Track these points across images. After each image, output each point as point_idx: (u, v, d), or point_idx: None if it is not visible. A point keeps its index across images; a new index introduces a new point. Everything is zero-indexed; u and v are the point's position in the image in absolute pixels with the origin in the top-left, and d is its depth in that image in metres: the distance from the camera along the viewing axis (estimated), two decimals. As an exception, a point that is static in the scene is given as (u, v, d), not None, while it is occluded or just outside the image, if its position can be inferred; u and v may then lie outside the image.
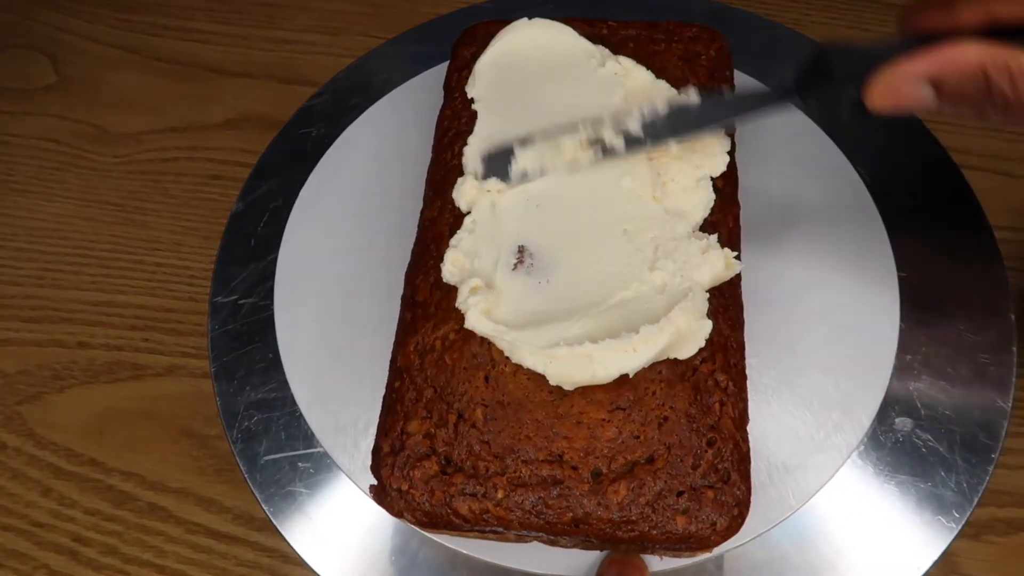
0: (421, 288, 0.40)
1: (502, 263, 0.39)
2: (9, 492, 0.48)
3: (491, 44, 0.46)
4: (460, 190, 0.42)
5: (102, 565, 0.46)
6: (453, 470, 0.36)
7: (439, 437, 0.36)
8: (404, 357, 0.39)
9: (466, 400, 0.37)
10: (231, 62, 0.63)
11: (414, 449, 0.36)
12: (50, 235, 0.56)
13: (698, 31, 0.48)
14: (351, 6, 0.66)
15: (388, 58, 0.58)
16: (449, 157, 0.44)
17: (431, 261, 0.41)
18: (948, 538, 0.40)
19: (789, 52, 0.57)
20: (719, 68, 0.47)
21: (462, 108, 0.46)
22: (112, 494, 0.47)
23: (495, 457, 0.36)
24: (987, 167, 0.56)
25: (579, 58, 0.45)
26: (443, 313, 0.39)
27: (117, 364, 0.51)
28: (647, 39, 0.48)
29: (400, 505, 0.36)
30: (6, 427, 0.50)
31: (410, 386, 0.38)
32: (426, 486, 0.36)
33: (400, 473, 0.36)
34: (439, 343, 0.38)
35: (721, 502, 0.35)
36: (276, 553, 0.45)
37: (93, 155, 0.60)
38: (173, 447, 0.49)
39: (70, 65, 0.64)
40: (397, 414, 0.38)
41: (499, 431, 0.36)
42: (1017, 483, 0.45)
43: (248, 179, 0.53)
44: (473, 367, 0.37)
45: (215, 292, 0.49)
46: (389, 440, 0.37)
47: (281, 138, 0.55)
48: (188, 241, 0.56)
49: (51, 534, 0.46)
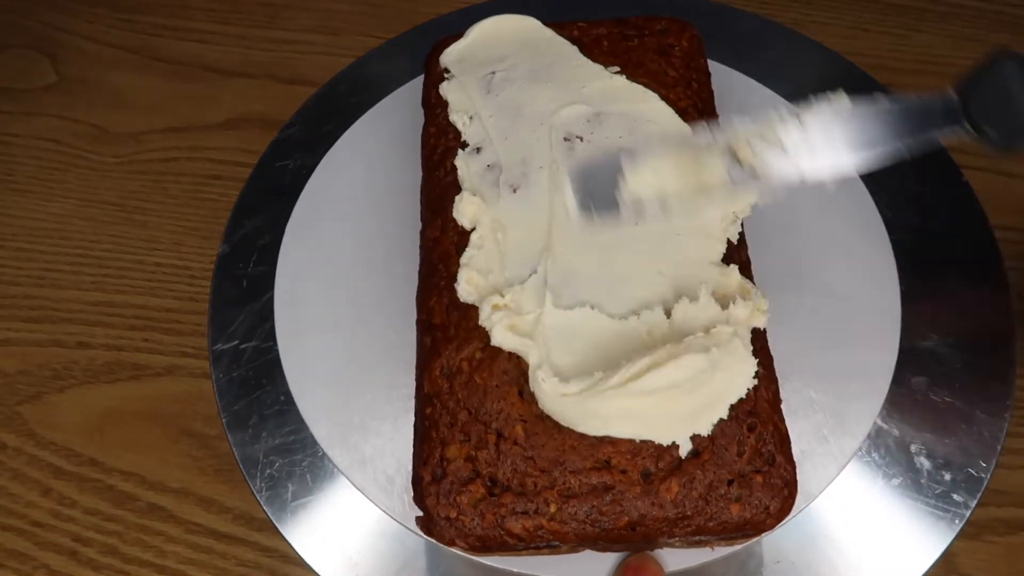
0: (436, 311, 0.39)
1: (524, 279, 0.38)
2: (9, 492, 0.48)
3: (462, 44, 0.46)
4: (460, 208, 0.41)
5: (102, 565, 0.46)
6: (500, 490, 0.35)
7: (481, 459, 0.36)
8: (431, 383, 0.38)
9: (503, 418, 0.36)
10: (231, 62, 0.63)
11: (457, 474, 0.36)
12: (50, 235, 0.56)
13: (667, 23, 0.48)
14: (351, 6, 0.66)
15: (388, 58, 0.58)
16: (442, 175, 0.43)
17: (442, 282, 0.40)
18: (948, 538, 0.40)
19: (789, 52, 0.57)
20: (693, 57, 0.47)
21: (446, 123, 0.45)
22: (112, 494, 0.47)
23: (541, 471, 0.35)
24: (987, 167, 0.56)
25: (557, 51, 0.45)
26: (464, 333, 0.38)
27: (117, 364, 0.51)
28: (619, 36, 0.47)
29: (451, 533, 0.35)
30: (6, 427, 0.50)
31: (442, 411, 0.37)
32: (475, 510, 0.35)
33: (446, 501, 0.35)
34: (466, 364, 0.37)
35: (771, 485, 0.35)
36: (276, 553, 0.45)
37: (93, 155, 0.60)
38: (173, 447, 0.48)
39: (70, 65, 0.64)
40: (433, 441, 0.37)
41: (542, 445, 0.35)
42: (1017, 483, 0.45)
43: (230, 218, 0.52)
44: (505, 384, 0.36)
45: (214, 339, 0.47)
46: (429, 469, 0.36)
47: (258, 173, 0.53)
48: (188, 241, 0.56)
49: (51, 534, 0.46)
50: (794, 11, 0.64)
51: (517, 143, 0.42)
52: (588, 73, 0.45)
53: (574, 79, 0.44)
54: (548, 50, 0.46)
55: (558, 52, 0.46)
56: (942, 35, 0.62)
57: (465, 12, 0.60)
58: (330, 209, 0.51)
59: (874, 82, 0.55)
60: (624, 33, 0.47)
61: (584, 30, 0.48)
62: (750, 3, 0.63)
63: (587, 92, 0.44)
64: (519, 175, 0.41)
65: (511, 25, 0.47)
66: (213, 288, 0.49)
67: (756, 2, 0.63)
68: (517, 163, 0.42)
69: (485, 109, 0.44)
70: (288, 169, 0.53)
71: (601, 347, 0.36)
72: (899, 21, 0.63)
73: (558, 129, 0.42)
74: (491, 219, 0.40)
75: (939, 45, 0.62)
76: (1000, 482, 0.44)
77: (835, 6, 0.64)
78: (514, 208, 0.40)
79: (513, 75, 0.45)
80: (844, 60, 0.57)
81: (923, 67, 0.61)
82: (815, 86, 0.54)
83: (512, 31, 0.47)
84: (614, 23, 0.48)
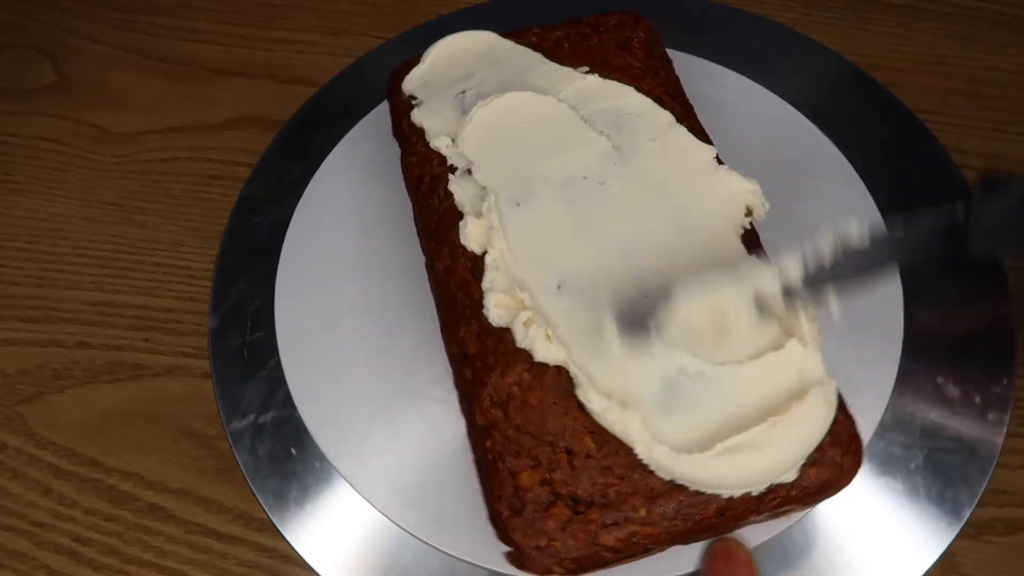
0: (468, 340, 0.38)
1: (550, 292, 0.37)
2: (9, 492, 0.48)
3: (422, 68, 0.46)
4: (466, 233, 0.40)
5: (102, 565, 0.46)
6: (585, 507, 0.34)
7: (557, 479, 0.35)
8: (483, 414, 0.37)
9: (569, 434, 0.35)
10: (231, 62, 0.63)
11: (537, 501, 0.35)
12: (50, 235, 0.56)
13: (620, 17, 0.48)
14: (351, 6, 0.66)
15: (388, 58, 0.58)
16: (437, 202, 0.42)
17: (467, 311, 0.39)
18: (948, 538, 0.40)
19: (789, 53, 0.57)
20: (652, 46, 0.47)
21: (427, 150, 0.43)
22: (112, 494, 0.47)
23: (620, 478, 0.34)
24: (987, 167, 0.56)
25: (522, 61, 0.45)
26: (504, 357, 0.37)
27: (117, 364, 0.51)
28: (578, 36, 0.47)
29: (546, 562, 0.34)
30: (6, 427, 0.50)
31: (503, 441, 0.36)
32: (565, 532, 0.34)
33: (532, 530, 0.34)
34: (515, 388, 0.36)
35: (839, 442, 0.35)
36: (276, 553, 0.45)
37: (93, 155, 0.60)
38: (173, 447, 0.48)
39: (70, 65, 0.64)
40: (502, 473, 0.36)
41: (615, 451, 0.35)
42: (1017, 483, 0.45)
43: (213, 288, 0.50)
44: (561, 399, 0.36)
45: (228, 417, 0.45)
46: (505, 503, 0.35)
47: (230, 239, 0.51)
48: (188, 241, 0.56)
49: (51, 534, 0.46)
50: (794, 11, 0.64)
51: (509, 158, 0.41)
52: (560, 77, 0.44)
53: (548, 85, 0.44)
54: (513, 61, 0.45)
55: (524, 61, 0.45)
56: (942, 35, 0.62)
57: (465, 12, 0.61)
58: (318, 263, 0.49)
59: (875, 82, 0.55)
60: (582, 33, 0.47)
61: (542, 36, 0.47)
62: (750, 3, 0.63)
63: (565, 96, 0.43)
64: (519, 189, 0.40)
65: (468, 42, 0.46)
66: (214, 368, 0.47)
67: (756, 2, 0.63)
68: (514, 178, 0.41)
69: (463, 129, 0.42)
70: (263, 225, 0.51)
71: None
72: (899, 21, 0.63)
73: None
74: (502, 238, 0.39)
75: (939, 45, 0.62)
76: (1000, 482, 0.44)
77: (835, 6, 0.64)
78: (523, 223, 0.39)
79: (485, 91, 0.44)
80: (844, 60, 0.57)
81: (923, 67, 0.61)
82: (815, 87, 0.55)
83: (470, 47, 0.46)
84: (569, 24, 0.48)
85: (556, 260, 0.38)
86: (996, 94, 0.59)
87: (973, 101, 0.59)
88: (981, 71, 0.60)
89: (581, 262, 0.38)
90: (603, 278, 0.38)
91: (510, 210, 0.40)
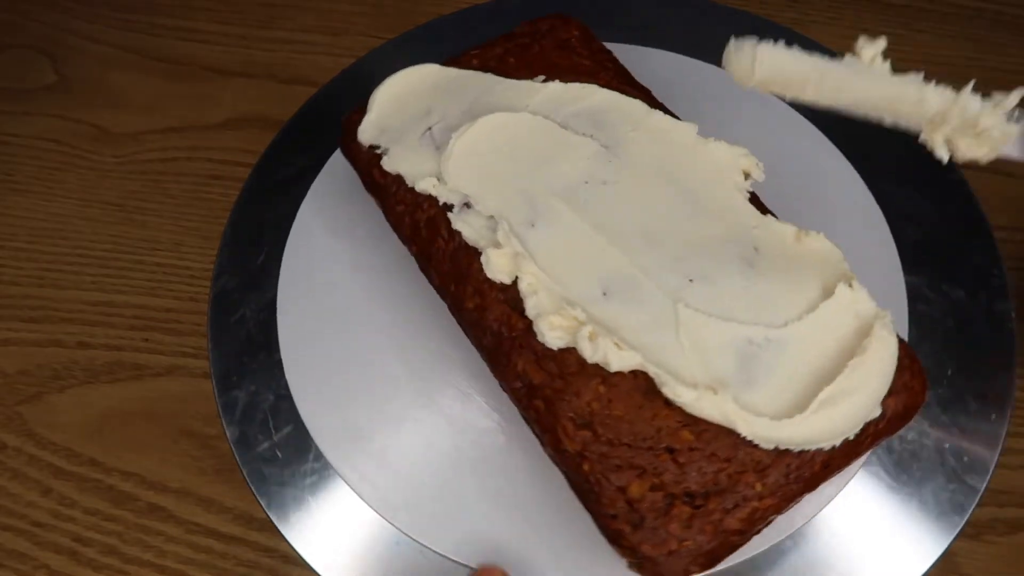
0: (530, 372, 0.37)
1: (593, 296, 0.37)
2: (9, 492, 0.48)
3: (372, 116, 0.44)
4: (492, 266, 0.38)
5: (102, 565, 0.46)
6: (702, 499, 0.34)
7: (667, 481, 0.34)
8: (571, 441, 0.35)
9: (665, 432, 0.35)
10: (231, 62, 0.63)
11: (654, 508, 0.34)
12: (50, 235, 0.56)
13: (551, 21, 0.48)
14: (351, 6, 0.66)
15: (388, 58, 0.58)
16: (443, 244, 0.41)
17: (516, 343, 0.37)
18: (948, 538, 0.40)
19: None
20: (590, 42, 0.47)
21: (412, 195, 0.42)
22: (112, 494, 0.47)
23: (728, 460, 0.34)
24: (987, 167, 0.55)
25: (476, 84, 0.44)
26: (573, 377, 0.36)
27: (117, 364, 0.51)
28: (517, 48, 0.46)
29: (682, 565, 0.34)
30: (6, 427, 0.50)
31: (600, 460, 0.35)
32: (691, 530, 0.34)
33: (659, 538, 0.34)
34: (595, 404, 0.35)
35: (903, 367, 0.36)
36: (276, 553, 0.45)
37: (93, 155, 0.60)
38: (173, 447, 0.49)
39: (70, 65, 0.64)
40: (610, 492, 0.35)
41: (714, 437, 0.34)
42: (1017, 483, 0.45)
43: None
44: (647, 400, 0.35)
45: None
46: (622, 519, 0.34)
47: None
48: (188, 241, 0.56)
49: (51, 534, 0.46)
50: (794, 11, 0.64)
51: (505, 182, 0.41)
52: (522, 91, 0.43)
53: (513, 101, 0.43)
54: (467, 86, 0.44)
55: (477, 84, 0.44)
56: (942, 35, 0.62)
57: (465, 12, 0.61)
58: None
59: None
60: (520, 44, 0.46)
61: (482, 56, 0.46)
62: (750, 3, 0.63)
63: (534, 108, 0.43)
64: (528, 210, 0.40)
65: (413, 78, 0.45)
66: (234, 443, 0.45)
67: (756, 2, 0.63)
68: (518, 200, 0.40)
69: (447, 165, 0.41)
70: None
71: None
72: (899, 21, 0.63)
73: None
74: (530, 262, 0.38)
75: (939, 45, 0.62)
76: (1000, 482, 0.45)
77: (835, 6, 0.64)
78: (546, 241, 0.39)
79: (452, 122, 0.43)
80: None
81: (923, 67, 0.61)
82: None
83: (416, 83, 0.45)
84: (504, 39, 0.47)
85: (591, 268, 0.38)
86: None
87: (973, 101, 0.59)
88: (981, 71, 0.60)
89: (615, 263, 0.38)
90: (641, 271, 0.38)
91: (527, 232, 0.39)
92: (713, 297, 0.37)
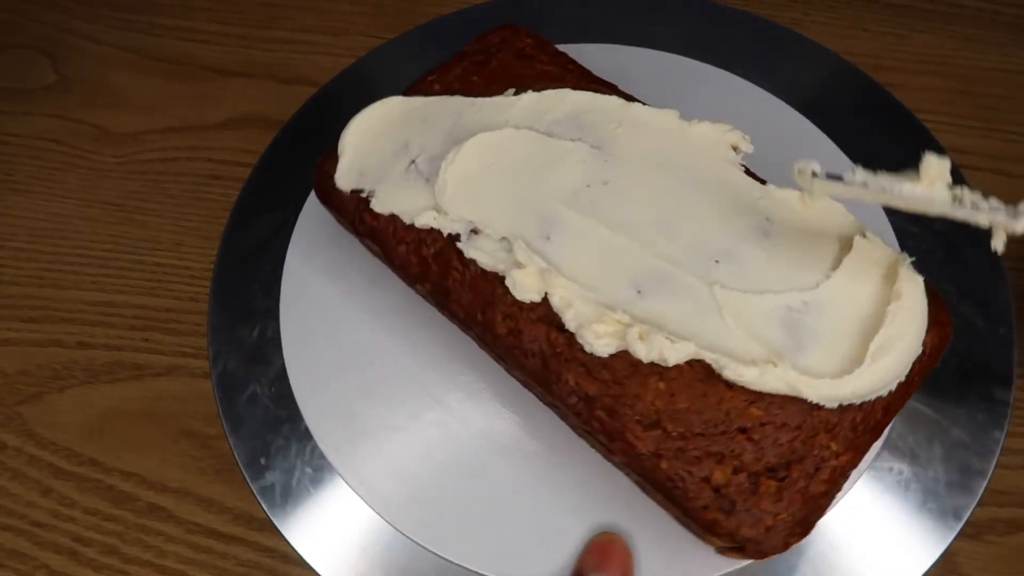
0: (584, 384, 0.37)
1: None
2: (9, 492, 0.48)
3: (347, 160, 0.43)
4: (520, 287, 0.38)
5: (102, 565, 0.46)
6: (785, 470, 0.34)
7: (747, 461, 0.34)
8: (643, 443, 0.35)
9: (734, 414, 0.35)
10: (231, 62, 0.63)
11: (740, 491, 0.34)
12: (50, 235, 0.56)
13: (501, 33, 0.47)
14: (351, 6, 0.66)
15: (388, 58, 0.58)
16: (459, 275, 0.40)
17: (563, 359, 0.37)
18: (948, 538, 0.40)
19: (789, 53, 0.57)
20: (545, 47, 0.47)
21: (413, 233, 0.41)
22: (112, 494, 0.47)
23: (799, 427, 0.35)
24: (987, 167, 0.56)
25: (447, 108, 0.44)
26: (630, 379, 0.36)
27: (117, 364, 0.51)
28: (477, 66, 0.46)
29: (781, 538, 0.34)
30: (6, 427, 0.50)
31: (677, 456, 0.35)
32: (782, 502, 0.34)
33: (753, 518, 0.34)
34: (658, 402, 0.35)
35: (929, 303, 0.37)
36: (276, 553, 0.45)
37: (93, 155, 0.60)
38: (173, 447, 0.49)
39: (70, 65, 0.64)
40: (694, 485, 0.35)
41: (781, 407, 0.35)
42: (1017, 483, 0.45)
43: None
44: (711, 389, 0.35)
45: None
46: (714, 511, 0.34)
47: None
48: (188, 241, 0.56)
49: (51, 534, 0.46)
50: (794, 11, 0.64)
51: (507, 201, 0.40)
52: (497, 108, 0.43)
53: (491, 119, 0.42)
54: (438, 112, 0.43)
55: (450, 108, 0.43)
56: (942, 35, 0.62)
57: (466, 12, 0.61)
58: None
59: (875, 82, 0.55)
60: (477, 61, 0.46)
61: (442, 79, 0.45)
62: (750, 3, 0.63)
63: (513, 122, 0.42)
64: (539, 224, 0.39)
65: (379, 114, 0.44)
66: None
67: (756, 2, 0.63)
68: (526, 216, 0.40)
69: (443, 195, 0.40)
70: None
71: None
72: (899, 21, 0.63)
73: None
74: (557, 275, 0.37)
75: (939, 45, 0.62)
76: (1000, 482, 0.45)
77: (835, 6, 0.64)
78: (567, 252, 0.38)
79: (433, 151, 0.42)
80: (844, 61, 0.57)
81: (923, 67, 0.61)
82: (815, 87, 0.55)
83: (384, 119, 0.44)
84: (458, 59, 0.46)
85: (619, 269, 0.38)
86: (996, 94, 0.59)
87: (973, 101, 0.59)
88: (981, 71, 0.60)
89: (640, 259, 0.38)
90: (667, 262, 0.38)
91: (545, 246, 0.38)
92: (742, 273, 0.37)
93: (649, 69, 0.54)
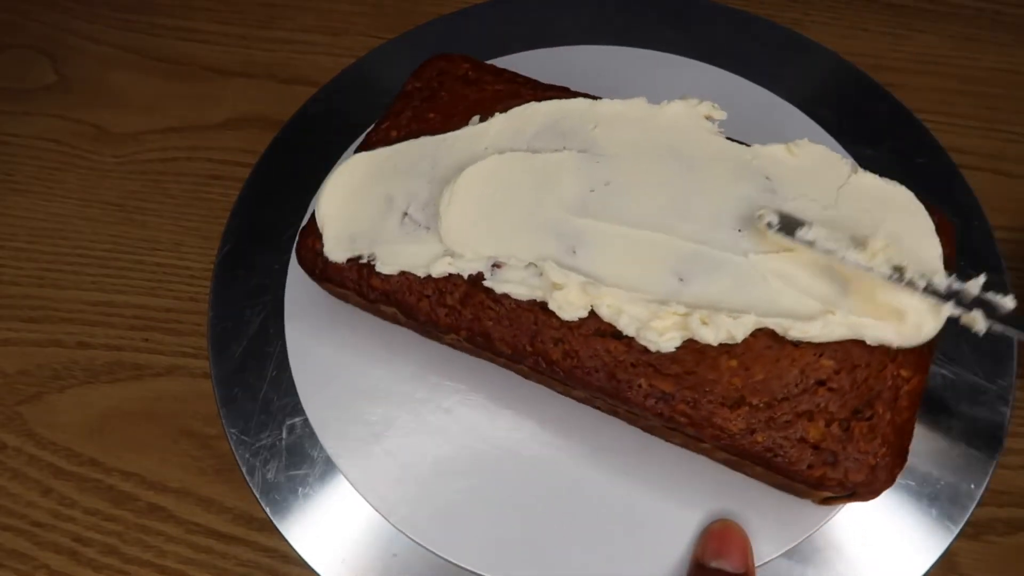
0: (659, 383, 0.37)
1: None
2: (9, 492, 0.48)
3: (333, 230, 0.42)
4: (564, 307, 0.37)
5: (102, 565, 0.46)
6: (869, 409, 0.36)
7: (834, 410, 0.36)
8: (733, 422, 0.36)
9: (809, 370, 0.36)
10: (231, 62, 0.63)
11: (837, 440, 0.36)
12: (50, 235, 0.56)
13: (437, 64, 0.47)
14: (351, 6, 0.66)
15: (388, 58, 0.58)
16: (494, 313, 0.39)
17: (629, 366, 0.37)
18: (948, 538, 0.40)
19: (788, 53, 0.57)
20: (485, 69, 0.46)
21: (431, 284, 0.40)
22: (112, 494, 0.47)
23: (869, 365, 0.36)
24: (987, 167, 0.56)
25: (418, 151, 0.43)
26: (702, 365, 0.36)
27: (117, 364, 0.51)
28: (427, 102, 0.45)
29: (887, 472, 0.36)
30: (6, 427, 0.50)
31: (769, 423, 0.36)
32: (877, 440, 0.35)
33: (856, 462, 0.35)
34: (736, 380, 0.36)
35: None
36: (276, 553, 0.45)
37: (93, 155, 0.60)
38: (173, 447, 0.49)
39: (70, 65, 0.64)
40: (793, 448, 0.36)
41: (847, 353, 0.36)
42: (1017, 483, 0.45)
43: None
44: (783, 354, 0.36)
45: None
46: (819, 466, 0.35)
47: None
48: (188, 241, 0.56)
49: (51, 534, 0.46)
50: (794, 11, 0.64)
51: (519, 227, 0.39)
52: (470, 139, 0.42)
53: (469, 151, 0.42)
54: (410, 158, 0.42)
55: (422, 151, 0.42)
56: (942, 35, 0.62)
57: (466, 12, 0.61)
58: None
59: (875, 82, 0.55)
60: (424, 97, 0.45)
61: (397, 124, 0.44)
62: (750, 3, 0.63)
63: (493, 148, 0.42)
64: (560, 241, 0.39)
65: (350, 176, 0.42)
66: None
67: (756, 2, 0.63)
68: (545, 238, 0.39)
69: (451, 238, 0.39)
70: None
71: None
72: (899, 21, 0.63)
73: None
74: (598, 286, 0.37)
75: (939, 45, 0.62)
76: (1000, 482, 0.45)
77: (835, 6, 0.64)
78: (599, 261, 0.38)
79: (422, 198, 0.41)
80: (843, 61, 0.57)
81: (923, 67, 0.61)
82: (815, 87, 0.55)
83: (356, 177, 0.42)
84: (404, 99, 0.46)
85: (655, 262, 0.38)
86: (996, 94, 0.59)
87: (973, 101, 0.59)
88: (981, 71, 0.61)
89: (671, 247, 0.38)
90: (697, 244, 0.38)
91: (576, 261, 0.38)
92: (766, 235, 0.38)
93: (649, 70, 0.54)
